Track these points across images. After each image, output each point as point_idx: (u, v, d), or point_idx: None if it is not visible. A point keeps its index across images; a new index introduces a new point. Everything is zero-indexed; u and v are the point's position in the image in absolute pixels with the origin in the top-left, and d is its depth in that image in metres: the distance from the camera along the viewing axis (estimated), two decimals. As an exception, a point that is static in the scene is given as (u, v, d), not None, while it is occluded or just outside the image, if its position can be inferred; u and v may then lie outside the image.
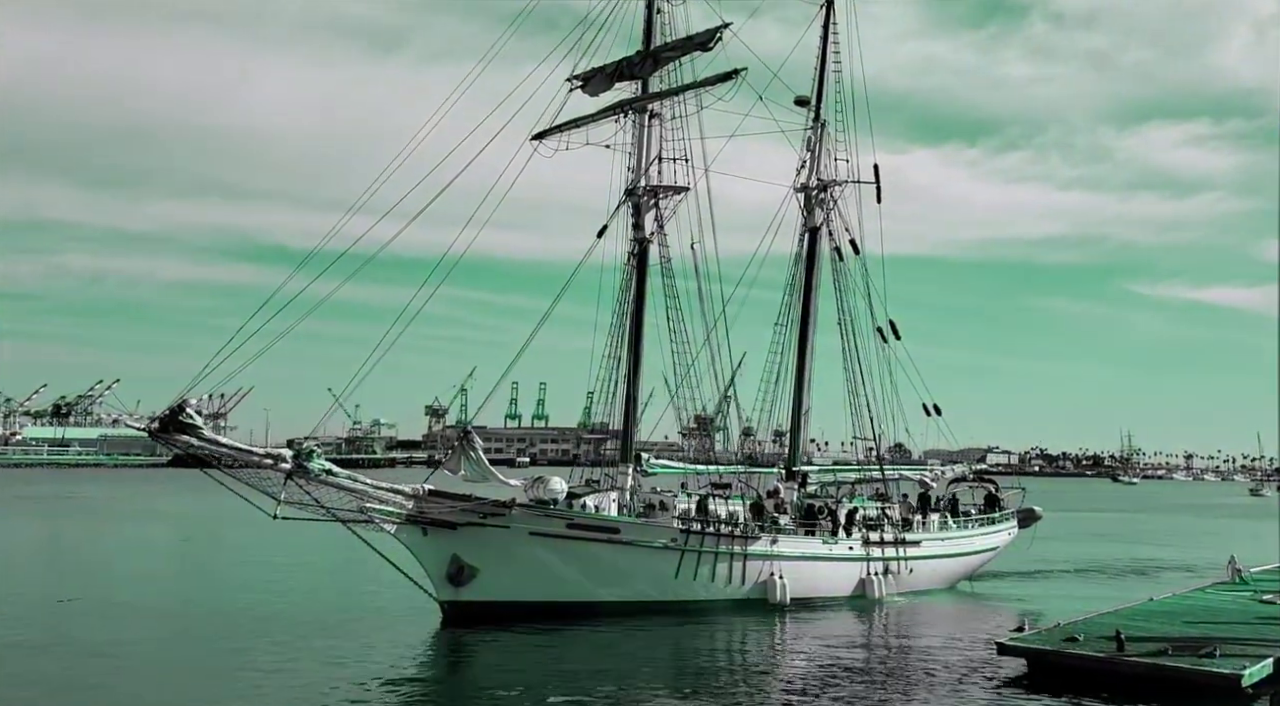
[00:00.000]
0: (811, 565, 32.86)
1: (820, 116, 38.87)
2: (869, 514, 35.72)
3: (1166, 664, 20.06)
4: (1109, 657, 20.61)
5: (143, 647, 24.68)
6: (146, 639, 25.67)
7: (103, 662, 22.84)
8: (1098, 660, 20.75)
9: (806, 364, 38.08)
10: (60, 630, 26.50)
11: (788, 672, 24.06)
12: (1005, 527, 41.35)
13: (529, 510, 28.58)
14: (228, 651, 24.21)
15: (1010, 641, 22.46)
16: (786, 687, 22.14)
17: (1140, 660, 20.31)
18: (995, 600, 36.51)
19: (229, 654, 23.94)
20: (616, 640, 27.37)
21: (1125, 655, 20.54)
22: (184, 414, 23.59)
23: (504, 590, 28.13)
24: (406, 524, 27.22)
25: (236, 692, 20.43)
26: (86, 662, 22.77)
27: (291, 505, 25.36)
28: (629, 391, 32.96)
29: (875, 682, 22.56)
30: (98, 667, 22.33)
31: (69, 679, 21.25)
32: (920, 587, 36.07)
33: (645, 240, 33.49)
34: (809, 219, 38.74)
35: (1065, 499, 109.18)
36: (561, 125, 34.08)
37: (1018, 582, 40.26)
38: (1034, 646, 21.90)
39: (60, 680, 21.10)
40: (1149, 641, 21.64)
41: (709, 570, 30.75)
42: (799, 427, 37.94)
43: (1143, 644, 21.34)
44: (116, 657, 23.39)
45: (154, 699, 20.34)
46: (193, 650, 24.41)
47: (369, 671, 22.46)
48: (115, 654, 23.69)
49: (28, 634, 25.75)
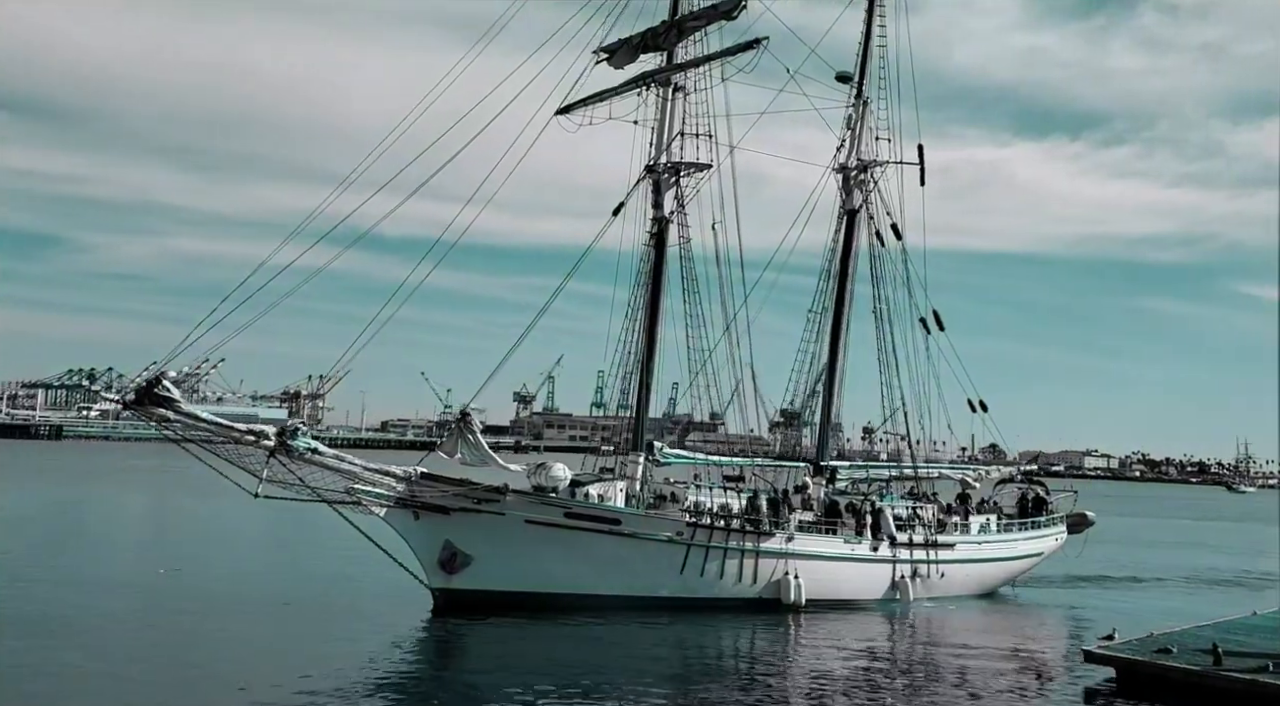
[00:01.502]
0: (832, 565, 31.12)
1: (863, 93, 36.92)
2: (899, 513, 33.77)
3: (1266, 681, 19.04)
4: (1204, 671, 19.66)
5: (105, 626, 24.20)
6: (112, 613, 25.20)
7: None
8: (1192, 673, 19.78)
9: (840, 353, 36.22)
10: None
11: (798, 677, 22.94)
12: (1052, 532, 38.96)
13: (525, 497, 27.40)
14: (200, 636, 23.52)
15: (1099, 650, 21.57)
16: (798, 691, 21.34)
17: (1238, 675, 19.31)
18: (1044, 608, 34.81)
19: (201, 639, 23.24)
20: (615, 636, 26.29)
21: (1222, 669, 19.61)
22: (160, 386, 22.81)
23: (498, 579, 27.01)
24: (397, 507, 26.24)
25: (218, 676, 19.78)
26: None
27: (275, 484, 24.56)
28: (643, 377, 31.55)
29: (884, 689, 21.55)
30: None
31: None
32: (954, 593, 34.07)
33: (665, 219, 32.01)
34: (847, 201, 36.83)
35: (1169, 506, 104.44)
36: (586, 99, 32.80)
37: (1086, 589, 38.47)
38: (1124, 656, 21.06)
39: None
40: (1249, 656, 20.57)
41: (717, 567, 29.24)
42: (829, 420, 36.11)
43: (1242, 659, 20.32)
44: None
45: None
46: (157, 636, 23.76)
47: (356, 659, 21.80)
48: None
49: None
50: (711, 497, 30.26)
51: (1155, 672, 20.29)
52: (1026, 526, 37.71)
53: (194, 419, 23.67)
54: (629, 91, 32.32)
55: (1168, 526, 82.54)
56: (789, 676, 22.94)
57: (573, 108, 32.80)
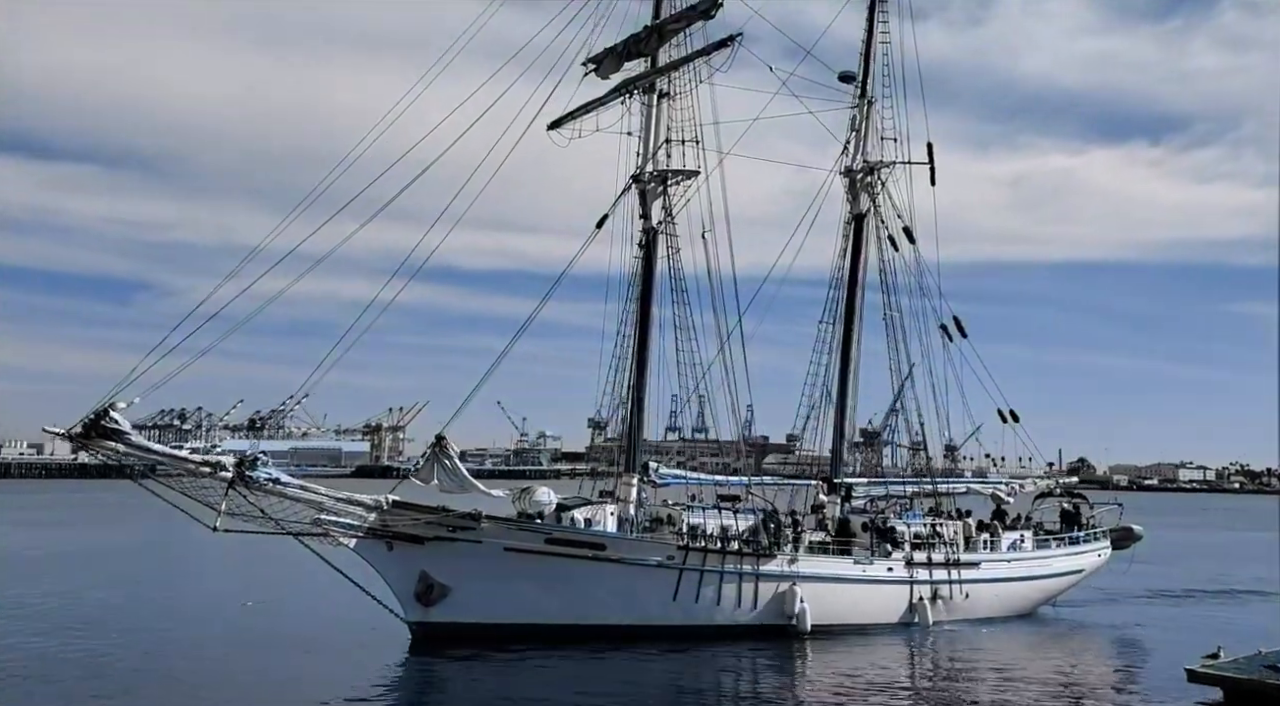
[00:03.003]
0: (841, 588, 29.36)
1: (867, 93, 35.36)
2: (918, 531, 31.84)
3: None
4: None
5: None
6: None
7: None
8: None
9: (851, 365, 34.49)
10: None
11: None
12: (1094, 548, 36.53)
13: (503, 523, 26.24)
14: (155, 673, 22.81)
15: (1203, 668, 20.96)
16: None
17: None
18: (1083, 628, 32.73)
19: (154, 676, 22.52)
20: (603, 668, 25.05)
21: None
22: (108, 418, 22.18)
23: (478, 611, 25.89)
24: (368, 538, 25.29)
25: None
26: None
27: (237, 517, 23.79)
28: (635, 393, 30.27)
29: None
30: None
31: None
32: (980, 614, 31.95)
33: (654, 230, 30.79)
34: (854, 205, 35.20)
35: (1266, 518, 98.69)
36: (574, 111, 31.90)
37: (1132, 607, 36.29)
38: (1230, 674, 20.47)
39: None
40: None
41: (714, 592, 27.70)
42: (842, 433, 34.36)
43: None
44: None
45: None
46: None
47: (330, 697, 21.00)
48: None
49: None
50: (708, 519, 28.77)
51: (1264, 691, 19.56)
52: (1063, 542, 35.38)
53: (145, 451, 23.03)
54: (614, 100, 31.29)
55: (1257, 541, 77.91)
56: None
57: (562, 121, 31.92)
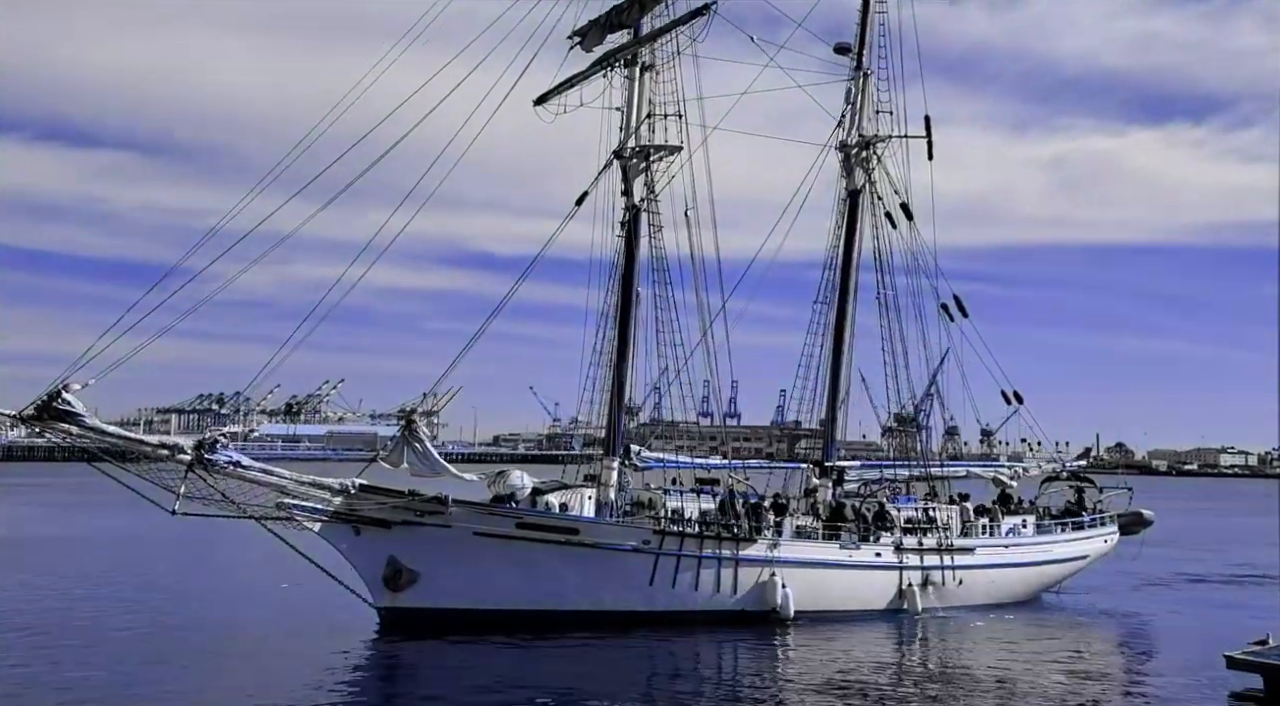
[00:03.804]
0: (825, 573, 28.59)
1: (863, 65, 34.28)
2: (909, 516, 30.94)
3: None
4: None
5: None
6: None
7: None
8: None
9: (845, 345, 33.56)
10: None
11: (782, 695, 20.85)
12: (1100, 533, 35.43)
13: (472, 508, 25.69)
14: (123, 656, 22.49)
15: (1243, 655, 20.32)
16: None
17: None
18: (1087, 616, 31.77)
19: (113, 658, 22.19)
20: (577, 654, 24.55)
21: None
22: (60, 399, 21.81)
23: (448, 596, 25.38)
24: (334, 521, 24.84)
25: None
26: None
27: (197, 500, 23.38)
28: (616, 376, 29.59)
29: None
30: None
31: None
32: (976, 601, 31.03)
33: (636, 208, 30.02)
34: (849, 181, 34.19)
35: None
36: (558, 86, 31.20)
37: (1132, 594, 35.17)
38: (1273, 662, 19.91)
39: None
40: None
41: (691, 577, 27.04)
42: (835, 417, 33.47)
43: None
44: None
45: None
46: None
47: (296, 683, 20.60)
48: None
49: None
50: (687, 503, 28.09)
51: None
52: (1066, 527, 34.31)
53: (99, 433, 22.63)
54: (596, 74, 30.51)
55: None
56: (769, 693, 20.95)
57: (547, 97, 31.25)
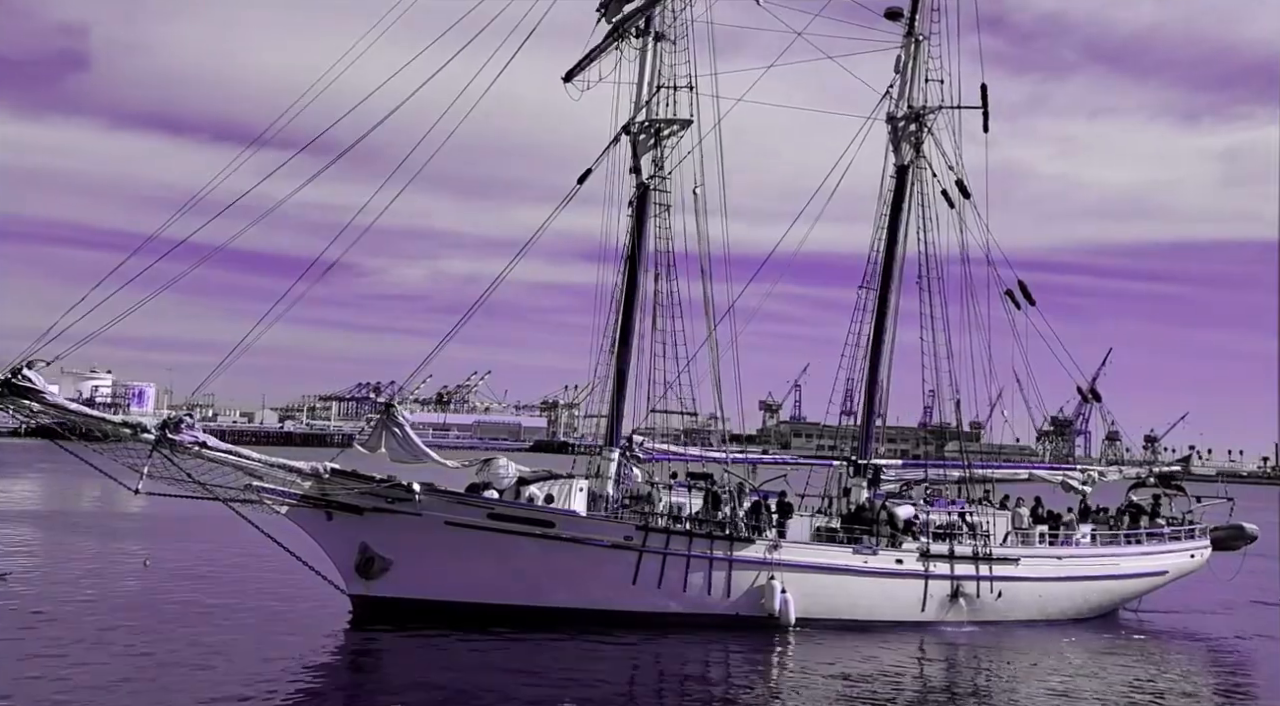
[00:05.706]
0: (834, 579, 26.35)
1: (914, 31, 31.61)
2: (940, 520, 28.30)
3: None
4: None
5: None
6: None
7: None
8: None
9: (887, 333, 30.98)
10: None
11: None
12: (1185, 547, 31.75)
13: (443, 497, 24.64)
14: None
15: None
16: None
17: None
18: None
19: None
20: (553, 652, 23.30)
21: None
22: (20, 376, 21.77)
23: (421, 587, 24.50)
24: (304, 505, 24.21)
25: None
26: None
27: (162, 480, 23.09)
28: (618, 364, 28.03)
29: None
30: None
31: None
32: (1017, 616, 28.16)
33: (645, 186, 28.38)
34: (898, 156, 31.59)
35: None
36: (581, 61, 29.93)
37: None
38: None
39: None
40: None
41: (679, 577, 25.30)
42: (872, 410, 30.97)
43: None
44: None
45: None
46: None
47: (262, 671, 20.01)
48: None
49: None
50: (686, 498, 26.41)
51: None
52: (1138, 539, 30.85)
53: (61, 410, 22.57)
54: (611, 45, 29.03)
55: None
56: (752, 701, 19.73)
57: (573, 73, 30.02)
